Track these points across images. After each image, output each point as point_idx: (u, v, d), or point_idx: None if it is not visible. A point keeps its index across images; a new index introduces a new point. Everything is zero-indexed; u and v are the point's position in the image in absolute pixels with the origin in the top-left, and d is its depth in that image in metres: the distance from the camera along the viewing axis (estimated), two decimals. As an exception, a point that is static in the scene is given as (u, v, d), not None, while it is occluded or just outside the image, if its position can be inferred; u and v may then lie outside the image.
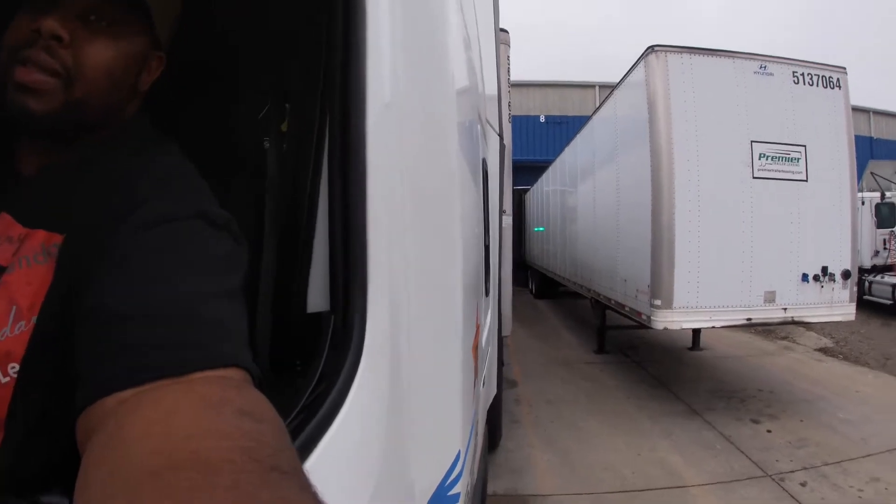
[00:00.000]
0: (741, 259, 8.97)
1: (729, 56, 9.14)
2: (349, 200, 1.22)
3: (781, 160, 9.08)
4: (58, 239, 1.13)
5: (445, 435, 1.67)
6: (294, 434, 1.01)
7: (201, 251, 1.08)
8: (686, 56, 9.02)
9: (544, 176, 22.98)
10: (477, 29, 3.46)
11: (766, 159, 9.03)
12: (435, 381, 1.57)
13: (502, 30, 8.28)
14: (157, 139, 1.33)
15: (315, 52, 1.39)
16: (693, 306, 8.88)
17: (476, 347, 2.53)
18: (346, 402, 1.12)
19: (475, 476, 2.78)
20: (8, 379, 1.06)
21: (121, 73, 1.25)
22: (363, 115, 1.24)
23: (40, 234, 1.14)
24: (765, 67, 9.10)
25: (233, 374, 0.94)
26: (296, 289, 1.37)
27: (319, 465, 1.01)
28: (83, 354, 0.94)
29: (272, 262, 1.63)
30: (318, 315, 1.30)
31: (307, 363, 1.22)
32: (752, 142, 9.00)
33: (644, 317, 9.51)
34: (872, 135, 32.23)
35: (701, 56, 9.08)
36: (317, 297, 1.32)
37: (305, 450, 1.02)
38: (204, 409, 0.81)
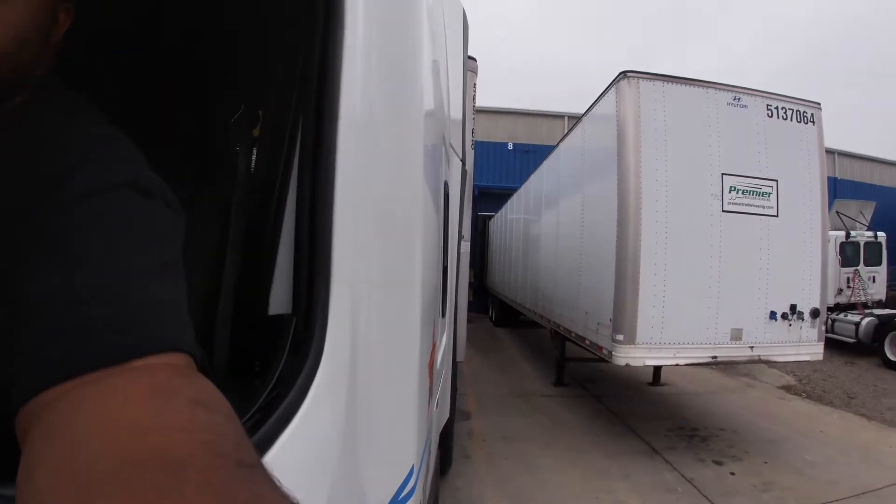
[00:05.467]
0: (708, 294, 8.94)
1: (703, 86, 9.11)
2: (317, 207, 1.25)
3: (752, 194, 9.03)
4: None
5: (400, 448, 1.68)
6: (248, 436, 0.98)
7: (134, 224, 1.00)
8: (659, 83, 9.01)
9: (509, 203, 23.12)
10: (446, 54, 3.55)
11: (737, 193, 8.97)
12: (391, 392, 1.59)
13: (470, 57, 8.16)
14: (77, 103, 1.21)
15: (293, 63, 1.44)
16: (657, 342, 8.77)
17: (431, 365, 2.55)
18: (303, 406, 1.13)
19: (427, 496, 2.74)
20: None
21: (29, 28, 1.12)
22: (335, 129, 1.27)
23: None
24: (739, 99, 9.09)
25: (177, 359, 0.89)
26: (258, 290, 1.39)
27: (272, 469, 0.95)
28: (16, 346, 0.86)
29: (236, 262, 1.65)
30: (279, 317, 1.32)
31: (266, 365, 1.23)
32: (723, 174, 9.01)
33: (605, 351, 9.39)
34: (837, 175, 32.87)
35: (674, 84, 9.05)
36: (279, 300, 1.35)
37: (259, 452, 0.98)
38: (154, 400, 0.76)
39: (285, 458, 1.05)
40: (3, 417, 0.86)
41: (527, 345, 20.68)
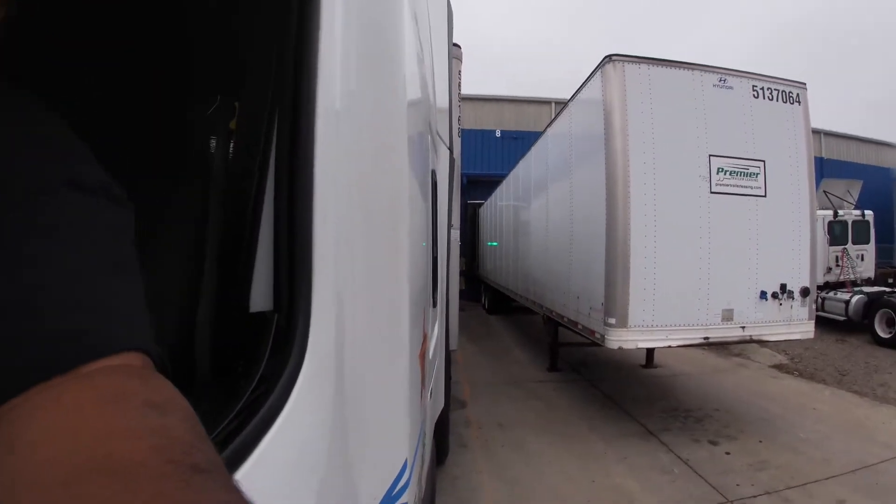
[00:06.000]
0: (698, 276, 8.96)
1: (688, 68, 9.08)
2: (295, 200, 1.23)
3: (740, 175, 9.03)
4: None
5: (392, 442, 1.67)
6: (231, 436, 1.00)
7: (73, 224, 0.91)
8: (644, 66, 8.98)
9: (498, 190, 23.12)
10: (430, 41, 3.55)
11: (725, 174, 8.96)
12: (381, 386, 1.57)
13: (455, 44, 8.09)
14: (13, 96, 1.07)
15: (268, 52, 1.40)
16: (649, 325, 8.78)
17: (423, 356, 2.54)
18: (288, 405, 1.11)
19: (423, 488, 2.76)
20: None
21: None
22: (312, 120, 1.24)
23: None
24: (724, 80, 9.10)
25: (131, 359, 0.83)
26: (239, 288, 1.35)
27: (257, 470, 1.00)
28: None
29: (214, 260, 1.61)
30: (260, 315, 1.28)
31: (249, 365, 1.19)
32: (710, 156, 9.00)
33: (598, 335, 9.39)
34: (823, 155, 33.10)
35: (659, 67, 9.02)
36: (260, 297, 1.31)
37: (243, 453, 1.00)
38: (106, 406, 0.72)
39: (270, 459, 1.04)
40: None
41: (520, 331, 20.70)
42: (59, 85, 1.34)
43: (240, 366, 1.33)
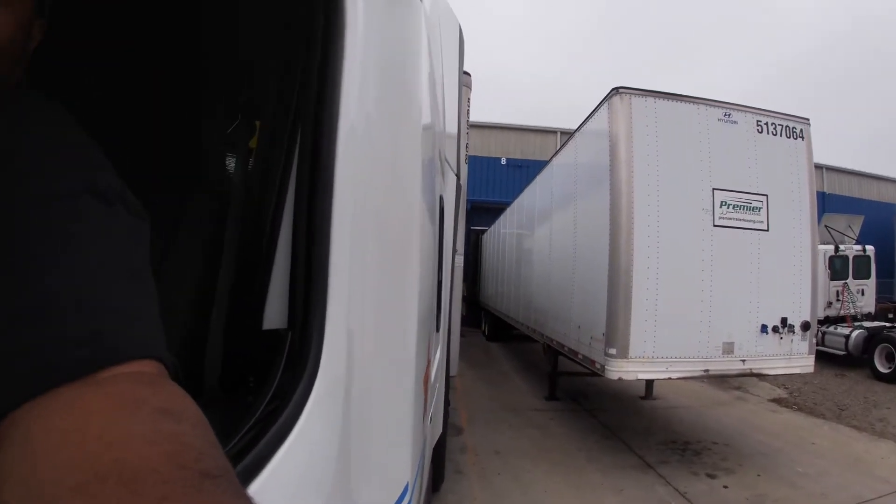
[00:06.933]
0: (700, 308, 8.95)
1: (693, 102, 9.15)
2: (314, 220, 1.23)
3: (743, 209, 9.07)
4: None
5: (395, 465, 1.67)
6: (244, 451, 1.01)
7: (93, 231, 0.93)
8: (650, 100, 9.03)
9: (502, 217, 23.17)
10: (442, 69, 3.57)
11: (728, 207, 8.99)
12: (387, 408, 1.57)
13: (465, 73, 8.08)
14: (38, 106, 1.10)
15: (292, 74, 1.44)
16: (649, 356, 8.75)
17: (426, 381, 2.57)
18: (298, 423, 1.11)
19: None
20: None
21: (9, 42, 1.06)
22: (333, 144, 1.26)
23: None
24: (729, 115, 9.14)
25: (145, 367, 0.85)
26: (252, 305, 1.36)
27: (270, 484, 1.01)
28: None
29: (230, 275, 1.62)
30: (272, 332, 1.30)
31: (260, 380, 1.21)
32: (713, 189, 9.04)
33: (598, 366, 9.36)
34: (825, 190, 33.18)
35: (665, 100, 9.07)
36: (273, 315, 1.32)
37: (255, 468, 1.00)
38: (119, 412, 0.73)
39: (282, 474, 1.05)
40: None
41: (519, 359, 20.61)
42: (78, 94, 1.36)
43: (250, 380, 1.36)
